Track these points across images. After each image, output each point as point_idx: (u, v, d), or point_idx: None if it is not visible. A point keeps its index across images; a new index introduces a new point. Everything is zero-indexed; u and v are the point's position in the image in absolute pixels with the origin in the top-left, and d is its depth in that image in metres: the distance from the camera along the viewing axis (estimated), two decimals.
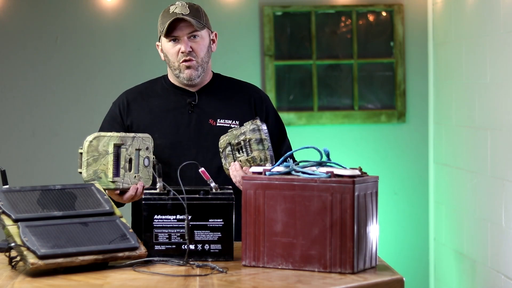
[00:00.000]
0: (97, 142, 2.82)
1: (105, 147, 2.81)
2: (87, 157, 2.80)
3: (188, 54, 2.97)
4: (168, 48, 3.00)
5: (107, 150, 2.81)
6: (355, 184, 2.38)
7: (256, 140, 2.84)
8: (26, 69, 5.26)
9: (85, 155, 2.80)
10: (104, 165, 2.79)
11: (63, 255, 2.39)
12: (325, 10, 5.35)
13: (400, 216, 5.42)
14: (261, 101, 3.12)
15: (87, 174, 2.79)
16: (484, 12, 4.45)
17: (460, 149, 4.86)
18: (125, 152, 2.83)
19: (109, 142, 2.82)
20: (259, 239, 2.47)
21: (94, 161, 2.80)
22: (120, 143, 2.83)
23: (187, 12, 2.96)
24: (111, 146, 2.81)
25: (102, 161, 2.80)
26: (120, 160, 2.81)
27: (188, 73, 3.00)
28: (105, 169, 2.80)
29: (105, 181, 2.79)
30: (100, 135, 2.83)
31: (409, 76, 5.41)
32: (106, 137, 2.83)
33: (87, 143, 2.81)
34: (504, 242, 4.22)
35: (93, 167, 2.79)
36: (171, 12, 2.97)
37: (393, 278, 2.37)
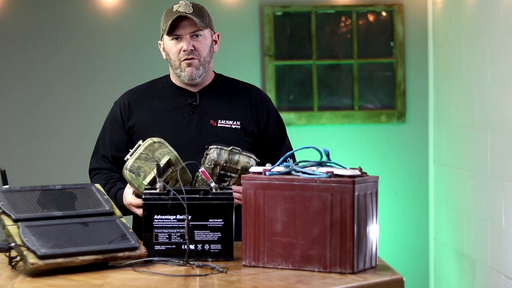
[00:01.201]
0: (158, 147, 2.81)
1: (161, 156, 2.79)
2: (142, 151, 2.79)
3: (190, 52, 2.97)
4: (170, 47, 3.00)
5: (160, 159, 2.79)
6: (355, 184, 2.38)
7: (229, 156, 2.83)
8: (26, 69, 5.26)
9: (142, 148, 2.80)
10: (149, 169, 2.78)
11: (63, 255, 2.39)
12: (325, 10, 5.35)
13: (400, 216, 5.42)
14: (262, 103, 3.12)
15: (132, 163, 2.78)
16: (484, 12, 4.45)
17: (460, 149, 4.86)
18: (169, 172, 2.81)
19: (166, 154, 2.80)
20: (259, 239, 2.48)
21: (145, 159, 2.79)
22: (173, 163, 2.80)
23: (190, 11, 2.97)
24: (165, 158, 2.79)
25: (150, 164, 2.79)
26: (162, 176, 2.78)
27: (189, 71, 3.00)
28: (147, 172, 2.78)
29: (140, 181, 2.78)
30: (164, 144, 2.82)
31: (409, 76, 5.41)
32: (167, 148, 2.82)
33: (150, 141, 2.81)
34: (504, 242, 4.22)
35: (141, 163, 2.78)
36: (174, 11, 2.97)
37: (393, 278, 2.37)
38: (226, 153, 2.83)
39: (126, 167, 2.79)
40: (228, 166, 2.83)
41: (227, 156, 2.83)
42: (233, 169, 2.83)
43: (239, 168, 2.83)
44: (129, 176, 2.78)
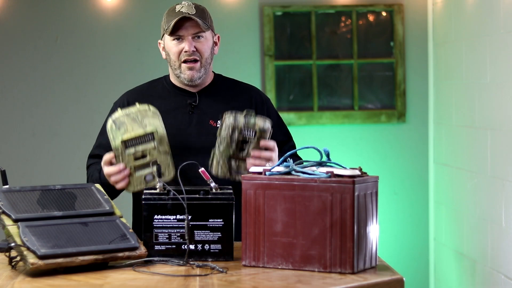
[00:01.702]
0: (151, 114, 2.83)
1: (148, 124, 2.80)
2: (132, 111, 2.81)
3: (191, 53, 2.97)
4: (171, 47, 3.00)
5: (146, 127, 2.80)
6: (355, 184, 2.38)
7: (245, 119, 2.84)
8: (26, 69, 5.26)
9: (134, 109, 2.82)
10: (132, 130, 2.78)
11: (63, 255, 2.39)
12: (325, 10, 5.35)
13: (400, 216, 5.42)
14: (262, 103, 3.12)
15: (117, 117, 2.80)
16: (484, 12, 4.45)
17: (460, 149, 4.86)
18: (151, 147, 2.80)
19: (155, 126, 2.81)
20: (259, 239, 2.48)
21: (133, 119, 2.80)
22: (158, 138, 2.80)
23: (193, 12, 2.96)
24: (151, 128, 2.80)
25: (135, 126, 2.79)
26: (140, 145, 2.79)
27: (189, 74, 3.00)
28: (128, 130, 2.78)
29: (118, 134, 2.78)
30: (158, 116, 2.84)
31: (409, 76, 5.41)
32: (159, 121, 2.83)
33: (146, 106, 2.84)
34: (504, 242, 4.22)
35: (127, 120, 2.80)
36: (177, 11, 2.97)
37: (393, 278, 2.37)
38: (241, 116, 2.84)
39: (112, 117, 2.81)
40: (246, 128, 2.83)
41: (243, 119, 2.83)
42: (250, 131, 2.82)
43: (256, 130, 2.82)
44: (109, 126, 2.79)
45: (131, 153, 2.80)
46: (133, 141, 2.79)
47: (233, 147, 2.84)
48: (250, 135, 2.84)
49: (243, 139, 2.85)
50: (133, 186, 2.85)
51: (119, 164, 2.81)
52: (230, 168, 2.86)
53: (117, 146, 2.79)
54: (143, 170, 2.84)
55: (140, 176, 2.84)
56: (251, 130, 2.83)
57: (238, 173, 2.86)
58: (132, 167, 2.82)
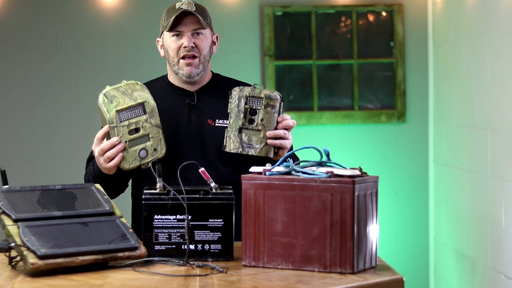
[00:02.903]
0: (139, 88, 2.85)
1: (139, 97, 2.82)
2: (121, 85, 2.83)
3: (190, 49, 2.98)
4: (170, 43, 3.00)
5: (137, 99, 2.81)
6: (355, 184, 2.38)
7: (252, 89, 2.85)
8: (26, 69, 5.26)
9: (122, 84, 2.84)
10: (124, 102, 2.79)
11: (63, 255, 2.39)
12: (325, 10, 5.35)
13: (400, 216, 5.42)
14: None
15: (108, 91, 2.81)
16: (484, 12, 4.45)
17: (460, 149, 4.86)
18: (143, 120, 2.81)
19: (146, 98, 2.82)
20: (259, 239, 2.48)
21: (123, 93, 2.81)
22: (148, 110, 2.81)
23: (193, 9, 2.98)
24: (142, 99, 2.81)
25: (126, 99, 2.80)
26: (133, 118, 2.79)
27: (188, 70, 3.00)
28: (120, 103, 2.79)
29: (111, 107, 2.78)
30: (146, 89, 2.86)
31: (409, 76, 5.41)
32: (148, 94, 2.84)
33: (133, 81, 2.87)
34: (504, 242, 4.22)
35: (117, 93, 2.81)
36: (177, 8, 2.98)
37: (393, 278, 2.37)
38: (247, 88, 2.86)
39: (102, 91, 2.81)
40: (251, 96, 2.84)
41: (248, 89, 2.85)
42: (257, 99, 2.83)
43: (262, 97, 2.83)
44: (101, 100, 2.79)
45: (125, 125, 2.79)
46: (126, 113, 2.79)
47: (241, 118, 2.85)
48: (258, 103, 2.84)
49: (250, 109, 2.85)
50: (128, 163, 2.82)
51: (114, 137, 2.80)
52: (241, 141, 2.86)
53: (111, 117, 2.78)
54: (137, 145, 2.83)
55: (134, 151, 2.82)
56: (257, 99, 2.84)
57: (250, 146, 2.85)
58: (127, 142, 2.81)
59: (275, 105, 2.84)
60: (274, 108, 2.84)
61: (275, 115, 2.85)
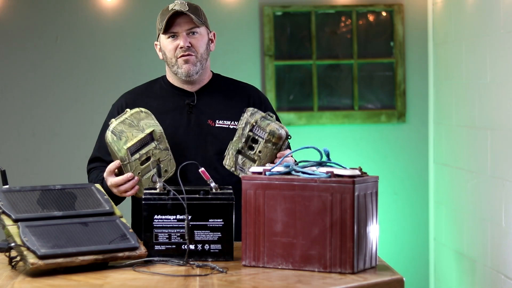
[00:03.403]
0: (144, 116, 2.84)
1: (146, 126, 2.81)
2: (127, 117, 2.81)
3: (187, 49, 2.98)
4: (166, 45, 3.01)
5: (144, 130, 2.81)
6: (355, 184, 2.38)
7: (261, 119, 2.85)
8: (26, 69, 5.26)
9: (128, 114, 2.82)
10: (132, 136, 2.79)
11: (63, 255, 2.39)
12: (325, 10, 5.35)
13: (400, 216, 5.42)
14: (260, 102, 3.12)
15: (115, 127, 2.79)
16: (484, 12, 4.45)
17: (460, 149, 4.86)
18: (152, 148, 2.83)
19: (151, 126, 2.82)
20: (259, 239, 2.48)
21: (130, 125, 2.80)
22: (157, 137, 2.82)
23: (186, 9, 2.98)
24: (150, 129, 2.81)
25: (134, 131, 2.79)
26: (143, 148, 2.80)
27: (186, 68, 3.00)
28: (129, 138, 2.78)
29: (120, 145, 2.77)
30: (151, 116, 2.85)
31: (409, 76, 5.41)
32: (153, 121, 2.84)
33: (137, 109, 2.84)
34: (504, 242, 4.22)
35: (124, 127, 2.79)
36: (169, 9, 2.98)
37: (393, 278, 2.37)
38: (259, 115, 2.85)
39: (109, 129, 2.80)
40: (257, 126, 2.84)
41: (259, 118, 2.84)
42: (262, 131, 2.83)
43: (267, 131, 2.82)
44: (110, 138, 2.78)
45: (136, 159, 2.81)
46: (136, 146, 2.80)
47: (242, 142, 2.86)
48: (261, 134, 2.84)
49: (253, 137, 2.85)
50: (142, 192, 2.84)
51: (127, 173, 2.81)
52: (236, 162, 2.88)
53: (123, 156, 2.79)
54: (148, 172, 2.85)
55: (147, 179, 2.85)
56: (262, 131, 2.84)
57: (242, 170, 2.87)
58: (140, 173, 2.83)
59: (277, 143, 2.83)
60: (275, 145, 2.84)
61: (274, 151, 2.84)
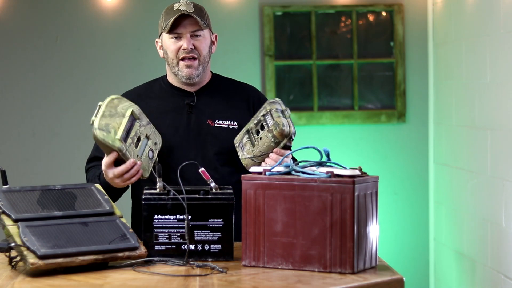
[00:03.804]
0: (118, 102, 2.83)
1: (124, 110, 2.81)
2: (104, 110, 2.80)
3: (190, 51, 2.97)
4: (169, 45, 3.00)
5: (124, 114, 2.80)
6: (355, 184, 2.38)
7: (276, 110, 2.87)
8: (26, 69, 5.26)
9: (103, 107, 2.81)
10: (117, 124, 2.78)
11: (63, 255, 2.39)
12: (325, 10, 5.35)
13: (400, 216, 5.42)
14: (259, 102, 3.12)
15: (99, 123, 2.77)
16: (484, 12, 4.45)
17: (460, 149, 4.86)
18: (138, 127, 2.83)
19: (128, 107, 2.82)
20: (259, 239, 2.48)
21: (110, 116, 2.79)
22: (137, 116, 2.83)
23: (191, 10, 2.97)
24: (129, 111, 2.81)
25: (117, 120, 2.79)
26: (131, 130, 2.80)
27: (188, 71, 3.00)
28: (116, 128, 2.78)
29: (112, 137, 2.76)
30: (123, 98, 2.85)
31: (409, 76, 5.41)
32: (127, 102, 2.84)
33: (109, 98, 2.83)
34: (504, 242, 4.22)
35: (107, 120, 2.78)
36: (175, 9, 2.97)
37: (393, 278, 2.37)
38: (278, 106, 2.88)
39: (95, 127, 2.77)
40: (270, 114, 2.86)
41: (275, 108, 2.87)
42: (271, 120, 2.85)
43: (273, 122, 2.84)
44: (100, 135, 2.76)
45: (131, 143, 2.80)
46: (125, 132, 2.80)
47: (254, 123, 2.90)
48: (269, 123, 2.85)
49: (262, 123, 2.88)
50: (146, 171, 2.86)
51: (128, 160, 2.79)
52: (241, 140, 2.93)
53: (120, 146, 2.78)
54: (143, 151, 2.85)
55: (145, 157, 2.84)
56: (272, 119, 2.85)
57: (242, 148, 2.91)
58: (138, 155, 2.82)
59: (276, 137, 2.84)
60: (274, 138, 2.84)
61: (271, 144, 2.85)
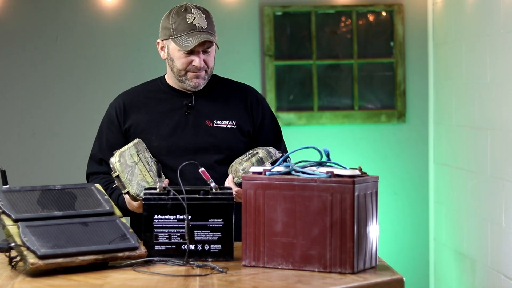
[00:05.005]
0: (123, 159, 2.82)
1: (131, 159, 2.82)
2: (125, 176, 2.80)
3: (201, 68, 2.97)
4: (179, 57, 2.96)
5: (135, 161, 2.82)
6: (355, 184, 2.38)
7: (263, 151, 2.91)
8: (26, 69, 5.26)
9: (122, 175, 2.80)
10: (140, 174, 2.80)
11: (63, 255, 2.39)
12: (325, 10, 5.35)
13: (400, 216, 5.42)
14: (257, 102, 3.11)
15: (135, 189, 2.79)
16: (484, 12, 4.45)
17: (460, 149, 4.86)
18: (143, 157, 2.84)
19: (131, 153, 2.83)
20: (259, 239, 2.48)
21: (131, 175, 2.80)
22: (137, 151, 2.85)
23: (205, 25, 2.92)
24: (135, 156, 2.82)
25: (136, 171, 2.80)
26: (160, 176, 2.82)
27: (196, 82, 2.99)
28: (144, 177, 2.80)
29: (149, 185, 2.80)
30: (121, 151, 2.85)
31: (409, 76, 5.41)
32: (126, 151, 2.84)
33: (117, 164, 2.81)
34: (504, 242, 4.22)
35: (134, 180, 2.79)
36: (190, 23, 2.93)
37: (393, 278, 2.37)
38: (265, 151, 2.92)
39: (134, 194, 2.78)
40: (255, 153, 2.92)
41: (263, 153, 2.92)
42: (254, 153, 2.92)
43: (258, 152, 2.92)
44: (141, 193, 2.76)
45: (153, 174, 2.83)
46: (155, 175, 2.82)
47: (242, 158, 2.93)
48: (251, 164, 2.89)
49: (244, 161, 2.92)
50: None
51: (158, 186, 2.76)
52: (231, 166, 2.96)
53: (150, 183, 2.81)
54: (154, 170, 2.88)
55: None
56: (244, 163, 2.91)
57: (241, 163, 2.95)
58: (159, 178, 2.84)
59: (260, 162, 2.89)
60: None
61: None
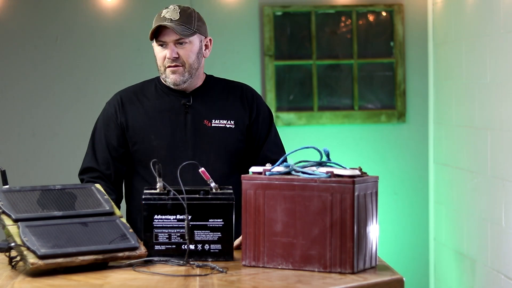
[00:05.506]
0: None
1: None
2: None
3: (173, 60, 2.96)
4: (157, 52, 3.00)
5: None
6: (355, 184, 2.38)
7: None
8: (26, 69, 5.26)
9: None
10: None
11: (63, 255, 2.39)
12: (325, 10, 5.35)
13: (400, 216, 5.42)
14: (252, 100, 3.11)
15: None
16: (484, 12, 4.45)
17: (460, 149, 4.86)
18: None
19: None
20: (259, 239, 2.48)
21: None
22: None
23: (176, 17, 2.94)
24: None
25: None
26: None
27: (173, 78, 2.98)
28: None
29: None
30: None
31: (409, 76, 5.41)
32: None
33: None
34: (504, 242, 4.22)
35: None
36: (161, 16, 2.96)
37: (393, 278, 2.37)
38: None
39: None
40: None
41: None
42: None
43: None
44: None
45: None
46: None
47: None
48: None
49: None
50: None
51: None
52: None
53: None
54: None
55: None
56: None
57: None
58: None
59: None
60: None
61: None
